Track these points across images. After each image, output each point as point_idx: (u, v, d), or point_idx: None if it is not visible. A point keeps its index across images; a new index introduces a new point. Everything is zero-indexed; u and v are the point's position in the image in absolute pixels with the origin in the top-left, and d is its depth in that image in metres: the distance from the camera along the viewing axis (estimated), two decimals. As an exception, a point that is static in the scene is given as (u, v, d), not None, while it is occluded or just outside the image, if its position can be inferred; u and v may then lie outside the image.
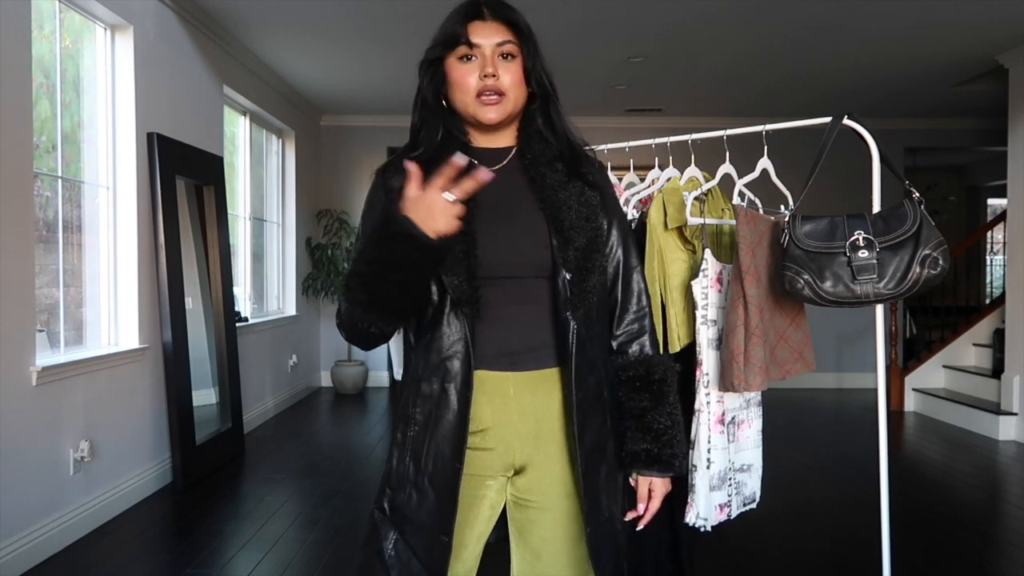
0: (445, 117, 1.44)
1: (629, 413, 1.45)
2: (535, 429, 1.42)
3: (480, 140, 1.46)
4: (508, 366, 1.40)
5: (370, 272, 1.26)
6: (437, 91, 1.43)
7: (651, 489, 1.47)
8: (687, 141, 2.48)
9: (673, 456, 1.45)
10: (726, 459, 2.19)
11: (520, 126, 1.47)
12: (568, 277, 1.37)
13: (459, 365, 1.36)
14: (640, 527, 1.49)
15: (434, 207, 1.22)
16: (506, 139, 1.47)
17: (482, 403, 1.40)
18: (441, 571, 1.38)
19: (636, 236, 2.17)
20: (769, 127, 2.31)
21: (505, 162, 1.45)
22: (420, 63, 1.45)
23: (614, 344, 1.50)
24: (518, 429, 1.42)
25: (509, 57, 1.39)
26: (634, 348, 1.49)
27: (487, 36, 1.38)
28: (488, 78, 1.37)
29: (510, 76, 1.39)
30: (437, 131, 1.43)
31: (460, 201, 1.24)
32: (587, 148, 1.51)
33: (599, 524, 1.42)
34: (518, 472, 1.44)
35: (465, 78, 1.39)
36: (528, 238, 1.40)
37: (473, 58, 1.39)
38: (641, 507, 1.47)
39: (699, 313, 2.16)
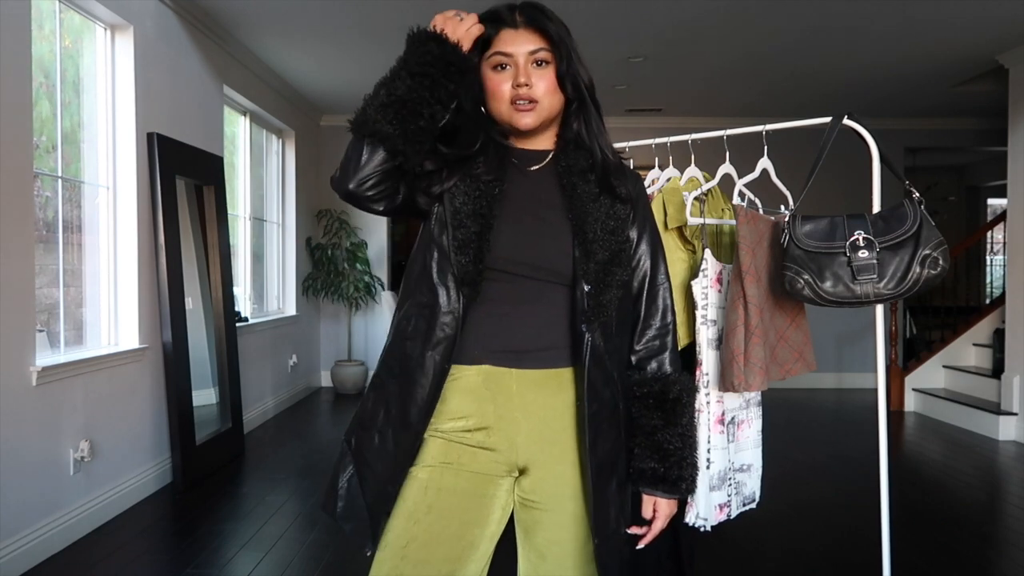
0: (485, 124, 1.45)
1: (640, 430, 1.45)
2: (539, 428, 1.42)
3: (519, 143, 1.48)
4: (513, 362, 1.41)
5: (395, 75, 1.36)
6: (475, 99, 1.44)
7: (655, 509, 1.47)
8: (687, 141, 2.48)
9: (680, 479, 1.45)
10: (726, 459, 2.20)
11: (559, 131, 1.48)
12: (587, 289, 1.38)
13: (444, 339, 1.38)
14: (640, 545, 1.49)
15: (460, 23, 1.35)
16: (544, 142, 1.48)
17: (486, 399, 1.41)
18: (378, 515, 1.42)
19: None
20: (769, 127, 2.31)
21: (542, 165, 1.47)
22: None
23: (633, 359, 1.49)
24: (521, 427, 1.42)
25: (543, 64, 1.40)
26: (652, 365, 1.49)
27: (519, 45, 1.40)
28: (521, 87, 1.39)
29: (544, 83, 1.40)
30: (477, 137, 1.44)
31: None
32: (621, 158, 1.52)
33: (607, 536, 1.42)
34: (523, 472, 1.45)
35: (499, 87, 1.41)
36: (551, 244, 1.41)
37: (507, 67, 1.40)
38: (644, 526, 1.48)
39: (699, 313, 2.16)
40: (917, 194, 2.00)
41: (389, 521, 1.43)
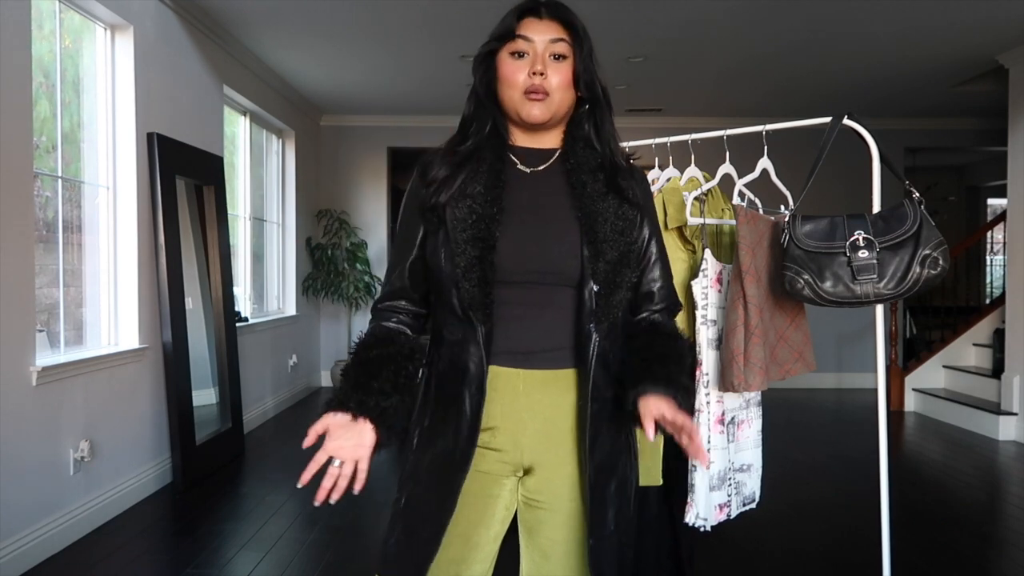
0: (495, 113, 1.44)
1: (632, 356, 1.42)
2: (544, 428, 1.42)
3: (523, 139, 1.46)
4: (520, 363, 1.40)
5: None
6: (489, 86, 1.43)
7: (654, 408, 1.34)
8: (687, 141, 2.48)
9: (671, 379, 1.37)
10: (726, 459, 2.20)
11: (567, 129, 1.46)
12: (596, 289, 1.37)
13: (474, 368, 1.37)
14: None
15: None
16: (551, 141, 1.46)
17: (492, 399, 1.40)
18: (423, 561, 1.39)
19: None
20: (769, 127, 2.31)
21: (548, 164, 1.46)
22: (474, 58, 1.46)
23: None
24: (527, 427, 1.41)
25: (560, 58, 1.39)
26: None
27: (540, 33, 1.39)
28: (536, 76, 1.37)
29: (559, 77, 1.39)
30: (487, 123, 1.44)
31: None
32: (631, 158, 1.51)
33: (603, 537, 1.41)
34: (527, 472, 1.44)
35: (514, 74, 1.39)
36: (559, 246, 1.39)
37: (525, 55, 1.39)
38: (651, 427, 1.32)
39: (699, 313, 2.16)
40: (917, 194, 2.00)
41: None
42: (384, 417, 1.36)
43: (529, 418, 1.41)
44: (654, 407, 1.32)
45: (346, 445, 1.33)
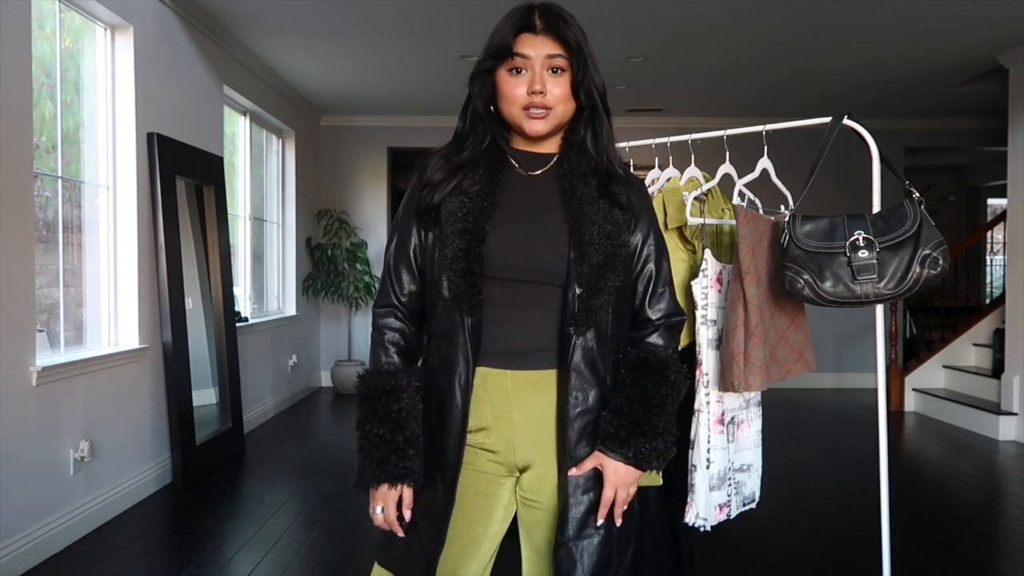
0: (494, 125, 1.45)
1: (615, 392, 1.44)
2: (535, 429, 1.43)
3: (523, 144, 1.48)
4: (508, 364, 1.41)
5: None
6: (487, 100, 1.44)
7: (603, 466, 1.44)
8: (687, 141, 2.49)
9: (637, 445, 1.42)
10: (726, 459, 2.20)
11: (564, 135, 1.47)
12: (579, 292, 1.38)
13: (462, 361, 1.39)
14: (601, 519, 1.44)
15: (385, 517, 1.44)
16: (549, 146, 1.48)
17: (483, 400, 1.41)
18: (432, 558, 1.41)
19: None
20: (769, 127, 2.31)
21: (545, 169, 1.47)
22: (471, 74, 1.46)
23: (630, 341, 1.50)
24: (518, 428, 1.43)
25: (559, 71, 1.40)
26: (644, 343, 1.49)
27: (537, 49, 1.39)
28: (536, 95, 1.38)
29: (559, 90, 1.39)
30: (485, 137, 1.45)
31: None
32: (627, 166, 1.53)
33: (567, 540, 1.41)
34: (523, 472, 1.45)
35: (513, 91, 1.40)
36: (546, 246, 1.41)
37: (523, 71, 1.39)
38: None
39: (699, 313, 2.16)
40: (917, 194, 2.00)
41: None
42: (413, 473, 1.43)
43: (520, 419, 1.42)
44: (607, 470, 1.41)
45: (392, 509, 1.45)
